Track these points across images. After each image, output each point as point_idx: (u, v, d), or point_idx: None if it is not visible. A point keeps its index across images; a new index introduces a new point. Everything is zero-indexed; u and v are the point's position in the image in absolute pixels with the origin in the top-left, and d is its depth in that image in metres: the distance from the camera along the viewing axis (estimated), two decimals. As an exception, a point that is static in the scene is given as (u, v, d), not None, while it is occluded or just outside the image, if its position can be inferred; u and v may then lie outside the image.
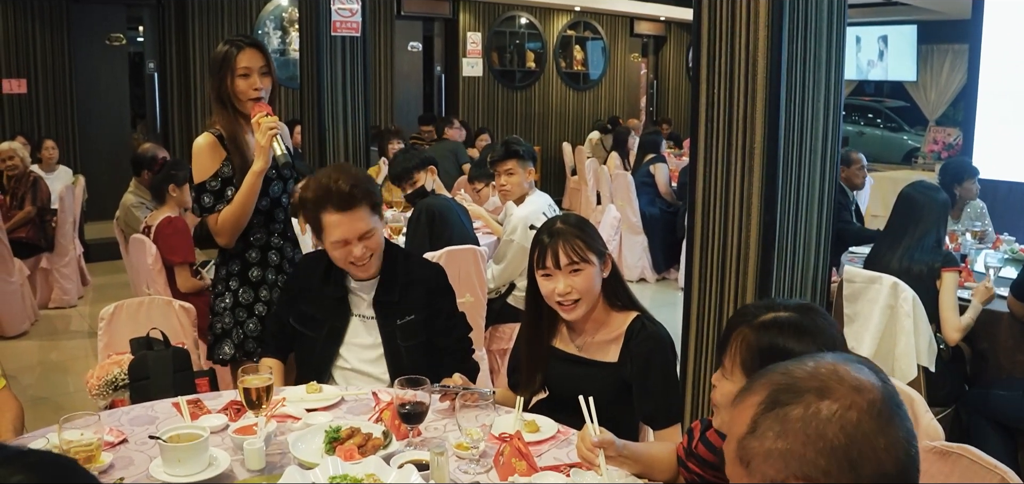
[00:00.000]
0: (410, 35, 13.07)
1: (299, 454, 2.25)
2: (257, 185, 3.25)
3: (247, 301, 3.42)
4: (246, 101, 3.29)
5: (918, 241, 4.24)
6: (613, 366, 2.66)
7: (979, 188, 5.71)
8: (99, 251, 8.86)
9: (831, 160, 4.00)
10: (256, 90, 3.28)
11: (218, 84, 3.32)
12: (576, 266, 2.63)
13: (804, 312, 1.88)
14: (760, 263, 3.73)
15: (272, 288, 3.44)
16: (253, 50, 3.31)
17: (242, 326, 3.42)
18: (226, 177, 3.32)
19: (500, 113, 13.85)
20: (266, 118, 3.20)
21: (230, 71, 3.28)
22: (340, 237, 2.85)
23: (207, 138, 3.34)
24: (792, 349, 1.80)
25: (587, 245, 2.65)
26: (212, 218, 3.32)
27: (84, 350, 6.47)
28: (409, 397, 2.34)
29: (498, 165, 4.87)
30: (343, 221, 2.84)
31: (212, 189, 3.31)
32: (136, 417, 2.60)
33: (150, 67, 10.93)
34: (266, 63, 3.33)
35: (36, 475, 0.94)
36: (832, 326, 1.90)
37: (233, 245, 3.39)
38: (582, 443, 2.20)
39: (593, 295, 2.67)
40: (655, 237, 8.69)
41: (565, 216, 2.81)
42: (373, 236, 2.90)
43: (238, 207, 3.27)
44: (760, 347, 1.84)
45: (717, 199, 3.84)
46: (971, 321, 4.11)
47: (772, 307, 1.90)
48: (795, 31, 3.66)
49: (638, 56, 16.10)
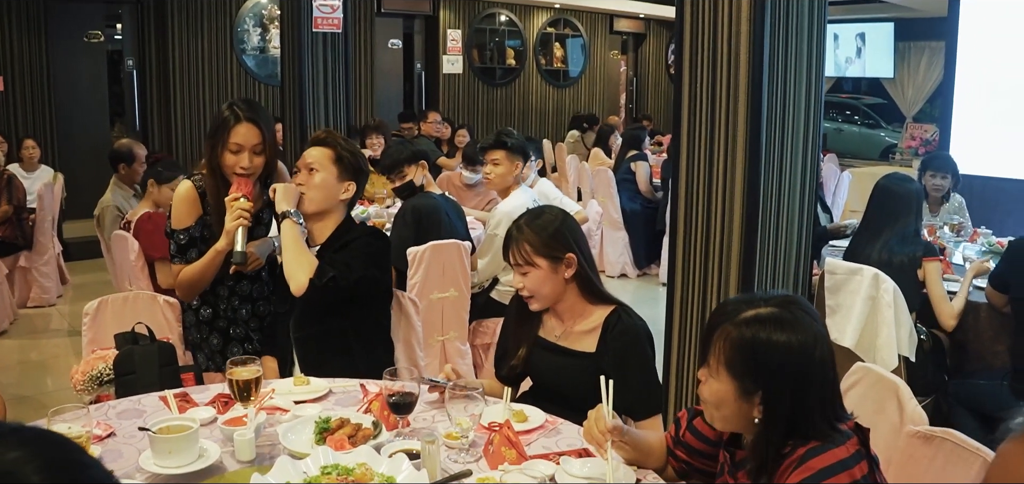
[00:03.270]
0: (390, 32, 13.06)
1: (289, 445, 2.25)
2: (216, 262, 3.15)
3: (207, 317, 3.39)
4: (231, 175, 3.16)
5: (897, 232, 4.29)
6: (591, 356, 2.71)
7: (950, 184, 5.74)
8: (78, 250, 8.81)
9: (812, 154, 4.03)
10: (243, 169, 3.13)
11: (210, 150, 3.19)
12: (523, 269, 2.75)
13: (785, 305, 1.89)
14: (743, 255, 3.76)
15: (223, 333, 3.39)
16: (251, 126, 3.14)
17: (207, 342, 3.41)
18: (193, 237, 3.24)
19: (480, 110, 13.86)
20: (238, 202, 3.06)
21: (222, 142, 3.14)
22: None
23: (189, 190, 3.25)
24: (776, 342, 1.82)
25: (535, 249, 2.73)
26: (176, 268, 3.27)
27: (64, 348, 6.43)
28: (398, 388, 2.36)
29: (486, 153, 4.87)
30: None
31: (178, 241, 3.24)
32: (123, 411, 2.60)
33: (129, 65, 10.84)
34: (261, 141, 3.16)
35: (32, 450, 0.91)
36: (814, 317, 1.91)
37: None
38: (595, 425, 2.20)
39: (547, 294, 2.77)
40: (636, 233, 8.72)
41: (531, 214, 2.87)
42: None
43: (195, 276, 3.20)
44: (743, 343, 1.85)
45: (700, 192, 3.87)
46: (963, 304, 4.17)
47: (752, 302, 1.91)
48: (777, 27, 3.70)
49: (618, 53, 16.15)
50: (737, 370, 1.85)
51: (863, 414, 2.04)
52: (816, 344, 1.85)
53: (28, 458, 0.90)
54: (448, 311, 4.78)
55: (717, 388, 1.89)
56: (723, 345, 1.89)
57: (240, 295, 3.39)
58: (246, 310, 3.41)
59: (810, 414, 1.81)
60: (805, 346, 1.82)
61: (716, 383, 1.90)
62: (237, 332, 3.40)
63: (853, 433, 1.83)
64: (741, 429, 1.90)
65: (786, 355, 1.81)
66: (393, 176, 5.21)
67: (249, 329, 3.42)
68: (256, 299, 3.43)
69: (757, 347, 1.84)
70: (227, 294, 3.37)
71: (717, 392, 1.90)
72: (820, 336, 1.88)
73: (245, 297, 3.40)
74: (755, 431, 1.86)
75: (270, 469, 2.08)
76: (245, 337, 3.42)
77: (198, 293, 3.32)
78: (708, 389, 1.93)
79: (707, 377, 1.94)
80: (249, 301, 3.41)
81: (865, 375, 2.65)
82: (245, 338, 3.41)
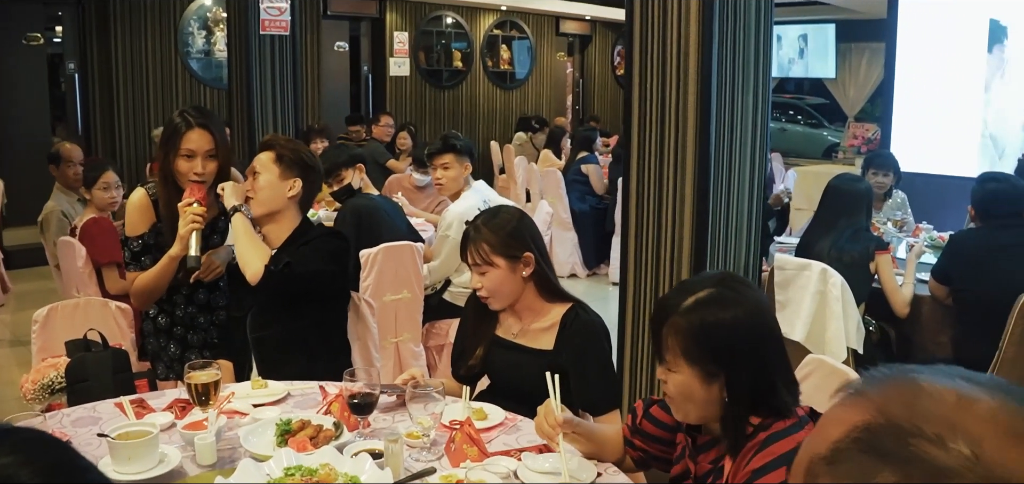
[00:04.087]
0: (337, 35, 12.98)
1: (251, 447, 2.25)
2: (170, 269, 3.16)
3: (164, 325, 3.38)
4: (185, 181, 3.17)
5: (847, 229, 4.39)
6: (549, 353, 2.73)
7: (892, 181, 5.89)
8: (20, 257, 8.62)
9: (760, 152, 4.11)
10: (197, 174, 3.15)
11: (162, 157, 3.22)
12: (480, 268, 2.77)
13: (721, 283, 1.94)
14: (694, 252, 3.82)
15: (180, 340, 3.38)
16: (203, 131, 3.18)
17: (165, 351, 3.39)
18: (147, 244, 3.24)
19: (428, 112, 13.83)
20: (192, 207, 3.08)
21: (174, 149, 3.16)
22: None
23: (141, 197, 3.27)
24: (725, 320, 1.87)
25: (494, 249, 2.75)
26: (130, 276, 3.27)
27: (6, 359, 6.29)
28: (359, 389, 2.36)
29: (434, 158, 4.87)
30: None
31: (132, 248, 3.24)
32: (78, 419, 2.57)
33: (70, 68, 10.64)
34: (214, 146, 3.20)
35: (26, 454, 0.85)
36: (750, 287, 1.98)
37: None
38: (545, 420, 2.23)
39: (506, 293, 2.79)
40: (585, 233, 8.78)
41: (488, 214, 2.89)
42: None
43: (149, 283, 3.20)
44: (694, 330, 1.88)
45: (651, 191, 3.92)
46: (912, 291, 4.28)
47: (689, 289, 1.95)
48: (725, 28, 3.76)
49: (564, 55, 16.22)
50: (695, 357, 1.88)
51: (816, 405, 2.09)
52: (761, 312, 1.92)
53: (23, 462, 0.84)
54: (402, 313, 4.78)
55: (680, 381, 1.92)
56: (675, 338, 1.91)
57: (197, 303, 3.38)
58: (204, 318, 3.40)
59: (773, 383, 1.86)
60: (752, 315, 1.89)
61: (678, 376, 1.93)
62: (195, 339, 3.38)
63: (809, 418, 1.88)
64: (713, 415, 1.93)
65: (737, 328, 1.86)
66: (331, 180, 5.22)
67: (208, 337, 3.41)
68: (214, 308, 3.42)
69: (709, 329, 1.87)
70: (183, 303, 3.36)
71: (681, 384, 1.92)
72: (762, 303, 1.96)
73: (202, 306, 3.39)
74: (723, 412, 1.89)
75: (233, 472, 2.07)
76: (204, 344, 3.39)
77: (153, 301, 3.31)
78: (672, 385, 1.95)
79: (667, 374, 1.96)
80: (207, 310, 3.40)
81: (818, 367, 2.71)
82: (204, 345, 3.39)
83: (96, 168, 5.33)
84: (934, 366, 0.84)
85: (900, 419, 0.79)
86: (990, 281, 3.95)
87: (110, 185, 5.17)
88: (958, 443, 0.76)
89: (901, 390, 0.83)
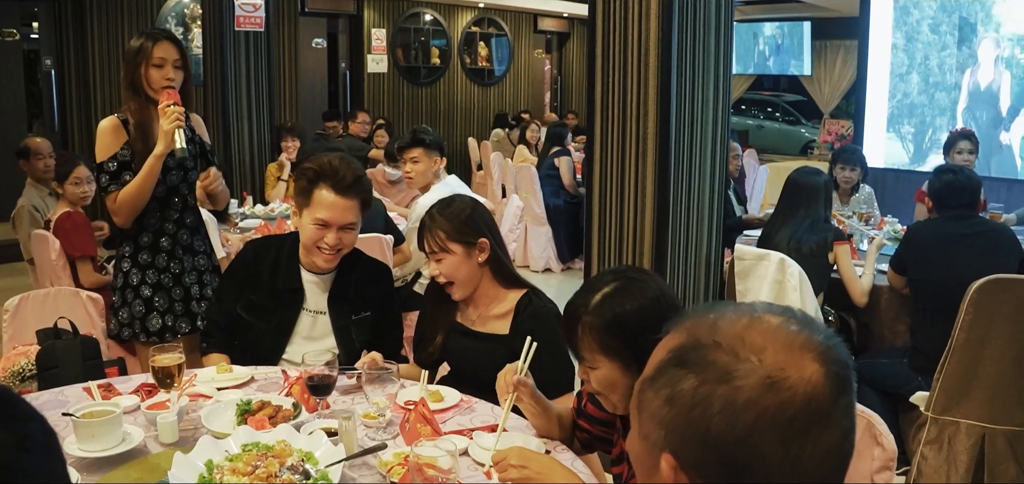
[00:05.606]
0: (314, 32, 13.01)
1: (212, 426, 2.32)
2: (156, 168, 3.35)
3: (135, 282, 3.53)
4: (158, 89, 3.37)
5: (805, 221, 4.48)
6: (505, 338, 2.82)
7: (859, 176, 6.01)
8: (-5, 253, 8.65)
9: (721, 146, 4.20)
10: (169, 80, 3.37)
11: (132, 72, 3.41)
12: (437, 256, 2.85)
13: (621, 275, 2.07)
14: (655, 245, 3.91)
15: (162, 272, 3.55)
16: (168, 43, 3.41)
17: (129, 306, 3.52)
18: (123, 160, 3.41)
19: (405, 109, 13.88)
20: (172, 107, 3.29)
21: (145, 60, 3.37)
22: (326, 217, 2.90)
23: (111, 121, 3.46)
24: (632, 309, 1.98)
25: (449, 236, 2.84)
26: (111, 197, 3.41)
27: (-17, 352, 6.32)
28: (317, 371, 2.44)
29: (404, 152, 4.94)
30: (336, 203, 2.90)
31: (109, 170, 3.40)
32: (46, 402, 2.62)
33: (46, 64, 10.63)
34: (180, 57, 3.43)
35: None
36: (649, 274, 2.10)
37: (129, 226, 3.50)
38: (503, 377, 2.33)
39: (463, 279, 2.87)
40: (560, 228, 8.85)
41: (442, 204, 2.96)
42: (351, 233, 2.98)
43: (136, 188, 3.37)
44: (607, 325, 1.99)
45: (613, 184, 4.00)
46: (871, 280, 4.38)
47: (593, 288, 2.05)
48: (685, 24, 3.85)
49: (542, 52, 16.30)
50: (612, 349, 1.98)
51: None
52: (665, 294, 2.04)
53: None
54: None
55: (602, 375, 2.02)
56: (590, 336, 2.01)
57: (182, 244, 3.59)
58: (188, 261, 3.60)
59: None
60: (657, 300, 2.00)
61: (599, 371, 2.03)
62: (160, 302, 3.54)
63: None
64: None
65: (645, 314, 1.96)
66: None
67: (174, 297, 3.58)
68: (197, 252, 3.65)
69: (620, 320, 1.98)
70: (164, 266, 3.54)
71: (604, 378, 2.02)
72: (662, 287, 2.07)
73: (186, 247, 3.61)
74: None
75: (192, 449, 2.14)
76: (168, 308, 3.56)
77: (139, 211, 3.46)
78: (595, 380, 2.05)
79: (588, 373, 2.06)
80: (190, 252, 3.62)
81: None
82: (168, 309, 3.56)
83: (67, 163, 5.36)
84: (753, 302, 1.09)
85: (702, 337, 1.05)
86: (944, 270, 4.05)
87: (81, 180, 5.21)
88: (746, 352, 1.01)
89: (708, 317, 1.07)
